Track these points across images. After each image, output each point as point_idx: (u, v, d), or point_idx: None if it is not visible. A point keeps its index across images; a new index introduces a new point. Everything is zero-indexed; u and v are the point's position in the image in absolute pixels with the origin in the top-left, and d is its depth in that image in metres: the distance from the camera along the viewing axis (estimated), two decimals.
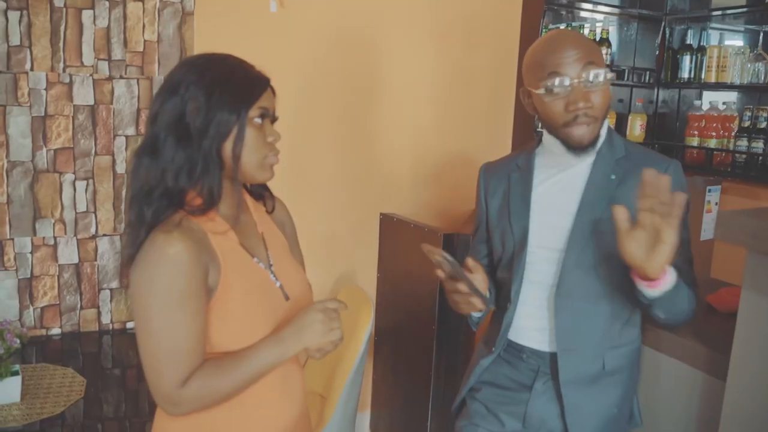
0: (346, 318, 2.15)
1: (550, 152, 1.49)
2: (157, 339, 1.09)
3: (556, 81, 1.35)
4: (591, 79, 1.34)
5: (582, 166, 1.45)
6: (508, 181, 1.54)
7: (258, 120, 1.16)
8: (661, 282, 1.22)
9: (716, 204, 2.58)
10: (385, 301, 2.60)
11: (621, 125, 2.91)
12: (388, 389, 2.63)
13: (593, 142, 1.40)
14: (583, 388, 1.44)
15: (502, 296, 1.53)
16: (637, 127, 2.90)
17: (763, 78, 2.65)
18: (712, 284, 1.90)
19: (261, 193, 1.36)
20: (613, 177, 1.41)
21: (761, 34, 2.69)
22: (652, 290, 1.24)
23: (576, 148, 1.40)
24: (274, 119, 1.22)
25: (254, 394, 1.19)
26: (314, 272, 2.47)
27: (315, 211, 2.45)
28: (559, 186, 1.47)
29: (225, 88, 1.13)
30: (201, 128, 1.12)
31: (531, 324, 1.49)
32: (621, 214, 1.18)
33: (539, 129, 2.04)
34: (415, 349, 2.41)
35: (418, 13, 2.52)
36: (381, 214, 2.57)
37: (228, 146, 1.14)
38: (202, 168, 1.13)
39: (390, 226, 2.53)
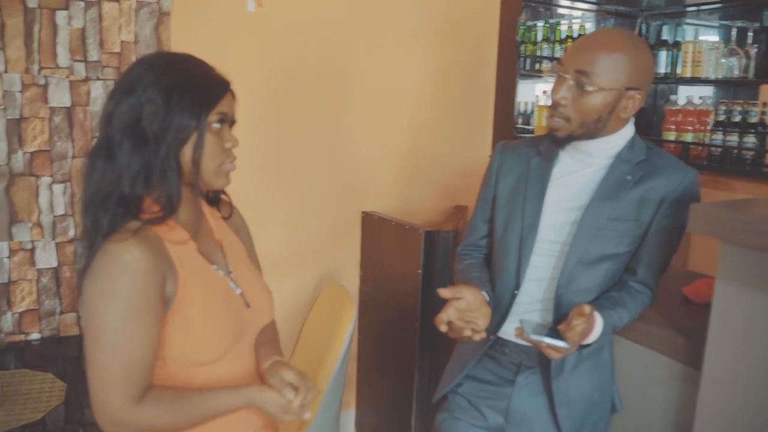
0: (329, 318, 2.18)
1: (573, 147, 1.50)
2: (110, 352, 1.05)
3: (553, 66, 1.40)
4: (572, 81, 1.37)
5: (601, 166, 1.46)
6: (528, 165, 1.53)
7: (217, 125, 1.13)
8: (589, 339, 1.37)
9: None
10: (368, 300, 2.61)
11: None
12: (372, 387, 2.64)
13: (570, 138, 1.42)
14: (568, 376, 1.47)
15: (499, 286, 1.54)
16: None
17: (736, 73, 2.69)
18: (689, 276, 1.93)
19: (217, 198, 1.33)
20: (629, 177, 1.43)
21: (734, 30, 2.72)
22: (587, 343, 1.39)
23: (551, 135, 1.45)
24: (232, 124, 1.20)
25: None
26: (297, 272, 2.49)
27: (297, 212, 2.45)
28: (574, 181, 1.48)
29: (184, 91, 1.09)
30: (158, 133, 1.08)
31: (526, 317, 1.49)
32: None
33: None
34: (399, 346, 2.42)
35: (397, 12, 2.53)
36: (363, 212, 2.57)
37: (187, 152, 1.10)
38: (160, 174, 1.09)
39: (371, 225, 2.53)
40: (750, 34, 2.72)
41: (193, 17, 2.22)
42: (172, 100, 1.08)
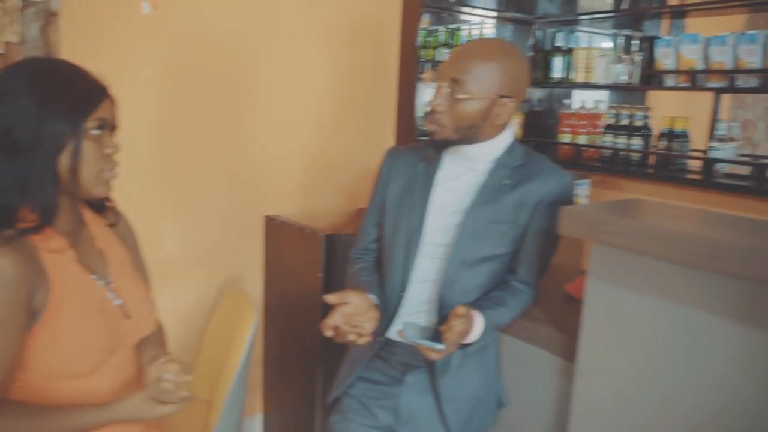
0: (230, 323, 2.16)
1: (455, 152, 1.54)
2: None
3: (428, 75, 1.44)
4: (448, 89, 1.42)
5: (482, 171, 1.51)
6: (414, 169, 1.58)
7: (95, 131, 1.11)
8: (470, 338, 1.43)
9: (586, 197, 2.73)
10: (272, 304, 2.59)
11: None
12: (279, 391, 2.63)
13: (447, 142, 1.47)
14: (453, 374, 1.51)
15: (387, 289, 1.57)
16: (514, 125, 3.02)
17: (624, 78, 2.83)
18: (579, 274, 2.02)
19: (102, 205, 1.30)
20: (507, 182, 1.49)
21: (622, 38, 2.87)
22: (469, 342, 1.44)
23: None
24: (113, 129, 1.18)
25: None
26: (198, 278, 2.46)
27: (197, 217, 2.41)
28: (457, 185, 1.53)
29: (59, 98, 1.07)
30: (33, 142, 1.05)
31: (412, 319, 1.53)
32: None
33: None
34: (303, 350, 2.42)
35: (299, 13, 2.52)
36: (266, 216, 2.56)
37: (64, 160, 1.08)
38: (36, 184, 1.06)
39: (274, 229, 2.52)
40: (635, 42, 2.87)
41: (85, 18, 2.15)
42: (45, 108, 1.06)
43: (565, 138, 2.95)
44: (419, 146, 1.62)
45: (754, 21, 3.35)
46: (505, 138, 1.52)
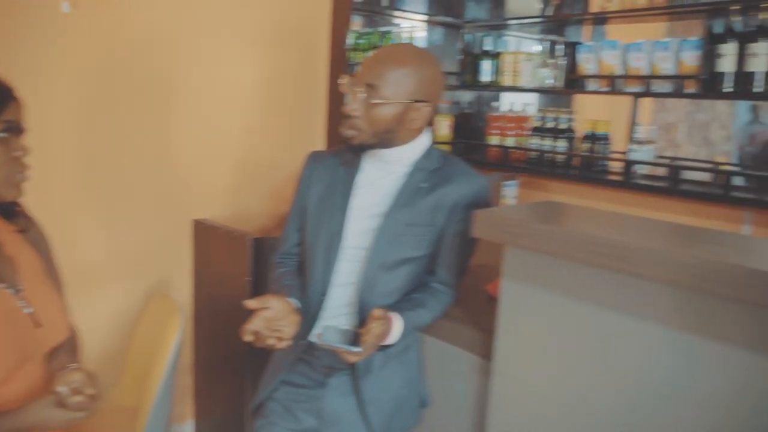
0: (156, 329, 2.12)
1: (374, 156, 1.56)
2: None
3: (344, 81, 1.47)
4: (364, 94, 1.44)
5: (400, 174, 1.53)
6: (335, 174, 1.59)
7: (2, 134, 1.09)
8: (390, 340, 1.45)
9: (514, 198, 2.79)
10: (202, 309, 2.56)
11: (431, 125, 3.07)
12: (209, 398, 2.60)
13: (364, 146, 1.49)
14: (376, 376, 1.53)
15: (308, 292, 1.57)
16: (444, 127, 3.07)
17: (551, 82, 2.91)
18: (498, 275, 2.06)
19: (12, 210, 1.27)
20: (424, 185, 1.51)
21: (547, 43, 2.95)
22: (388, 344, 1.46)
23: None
24: (21, 132, 1.15)
25: None
26: (124, 284, 2.40)
27: (122, 222, 2.36)
28: (377, 188, 1.54)
29: None
30: None
31: (333, 323, 1.54)
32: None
33: None
34: (232, 355, 2.40)
35: (224, 15, 2.50)
36: (194, 220, 2.53)
37: None
38: None
39: (203, 232, 2.49)
40: (559, 47, 2.95)
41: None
42: None
43: (494, 140, 3.02)
44: (340, 150, 1.63)
45: (674, 28, 3.50)
46: (423, 142, 1.54)
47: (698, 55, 2.42)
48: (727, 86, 2.35)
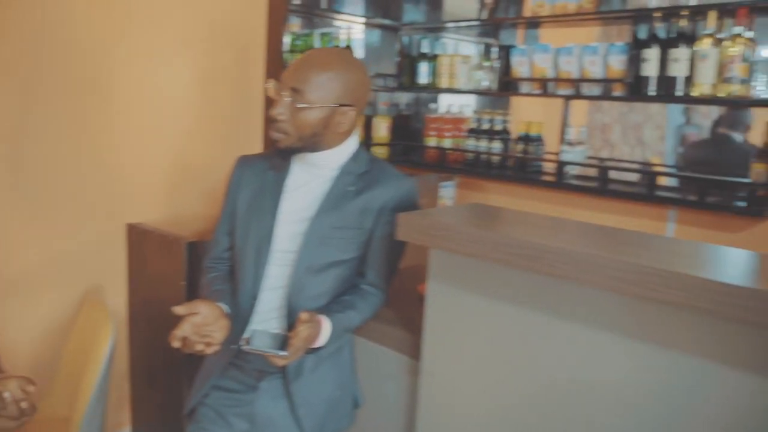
0: (88, 337, 2.08)
1: (302, 159, 1.57)
2: None
3: (271, 84, 1.48)
4: (289, 98, 1.45)
5: (328, 177, 1.55)
6: (264, 178, 1.59)
7: None
8: (319, 343, 1.47)
9: (451, 198, 2.84)
10: (137, 315, 2.52)
11: (368, 127, 3.09)
12: (146, 404, 2.56)
13: (291, 150, 1.50)
14: (307, 378, 1.54)
15: (239, 296, 1.57)
16: (382, 129, 3.10)
17: (487, 84, 2.97)
18: None
19: None
20: (351, 188, 1.53)
21: (482, 46, 3.00)
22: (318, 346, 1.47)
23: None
24: None
25: None
26: (57, 291, 2.35)
27: (52, 227, 2.30)
28: (306, 192, 1.55)
29: None
30: None
31: (263, 327, 1.54)
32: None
33: None
34: (168, 360, 2.37)
35: (157, 15, 2.46)
36: (128, 224, 2.49)
37: None
38: None
39: (137, 237, 2.45)
40: (494, 50, 3.01)
41: None
42: None
43: (431, 141, 3.06)
44: (268, 154, 1.64)
45: (607, 32, 3.60)
46: (350, 145, 1.56)
47: (624, 60, 2.50)
48: (651, 90, 2.44)
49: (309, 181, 1.55)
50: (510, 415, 1.36)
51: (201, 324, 1.42)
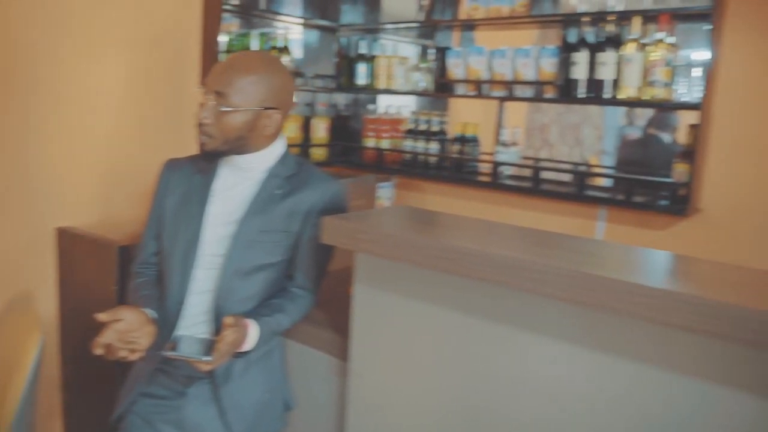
0: (14, 346, 2.02)
1: (230, 162, 1.56)
2: None
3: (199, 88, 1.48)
4: (213, 102, 1.44)
5: (256, 180, 1.54)
6: (190, 181, 1.58)
7: None
8: (246, 346, 1.46)
9: (389, 199, 2.86)
10: (69, 322, 2.46)
11: (307, 128, 3.09)
12: (78, 413, 2.50)
13: (217, 153, 1.50)
14: (236, 383, 1.53)
15: (166, 301, 1.55)
16: (321, 129, 3.10)
17: (424, 85, 3.00)
18: None
19: None
20: (278, 192, 1.53)
21: (420, 48, 3.03)
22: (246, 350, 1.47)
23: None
24: None
25: None
26: None
27: None
28: (233, 195, 1.54)
29: None
30: None
31: (191, 331, 1.53)
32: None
33: None
34: (101, 367, 2.30)
35: (88, 14, 2.41)
36: (57, 228, 2.42)
37: None
38: None
39: (67, 241, 2.39)
40: (431, 51, 3.05)
41: None
42: None
43: (370, 142, 3.07)
44: (196, 158, 1.63)
45: (546, 35, 3.67)
46: (277, 148, 1.56)
47: (555, 63, 2.57)
48: (581, 92, 2.51)
49: (236, 184, 1.55)
50: (438, 414, 1.39)
51: (125, 330, 1.41)
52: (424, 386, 1.41)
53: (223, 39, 2.74)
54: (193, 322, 1.54)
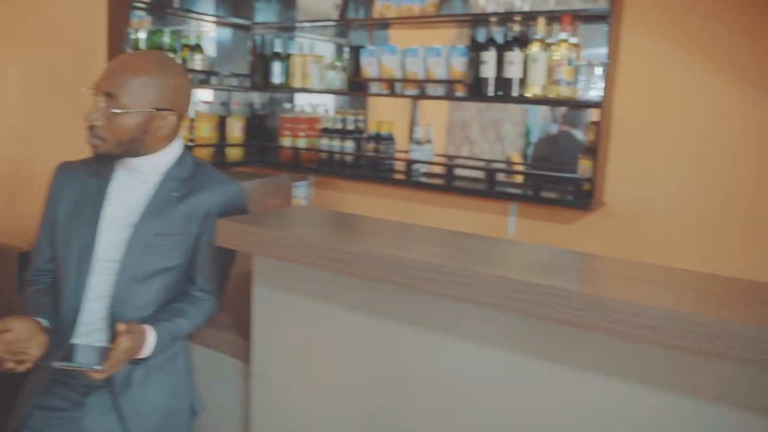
0: None
1: (125, 165, 1.51)
2: None
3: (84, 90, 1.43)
4: (104, 103, 1.41)
5: (152, 183, 1.51)
6: (84, 185, 1.53)
7: None
8: (144, 353, 1.43)
9: (305, 198, 2.85)
10: None
11: (222, 127, 3.05)
12: None
13: (110, 156, 1.46)
14: (137, 390, 1.50)
15: (61, 309, 1.50)
16: (236, 129, 3.06)
17: (339, 84, 3.00)
18: None
19: None
20: (175, 194, 1.50)
21: (334, 46, 3.03)
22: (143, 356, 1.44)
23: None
24: None
25: None
26: None
27: None
28: (130, 198, 1.50)
29: None
30: None
31: (88, 339, 1.49)
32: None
33: None
34: (3, 381, 2.22)
35: None
36: None
37: None
38: None
39: None
40: (346, 50, 3.05)
41: None
42: None
43: (286, 141, 3.06)
44: (89, 161, 1.58)
45: (461, 34, 3.73)
46: (174, 150, 1.53)
47: (465, 62, 2.62)
48: (490, 90, 2.56)
49: (133, 186, 1.51)
50: (343, 414, 1.39)
51: (14, 341, 1.35)
52: (327, 386, 1.41)
53: (141, 36, 2.67)
54: (90, 330, 1.50)
